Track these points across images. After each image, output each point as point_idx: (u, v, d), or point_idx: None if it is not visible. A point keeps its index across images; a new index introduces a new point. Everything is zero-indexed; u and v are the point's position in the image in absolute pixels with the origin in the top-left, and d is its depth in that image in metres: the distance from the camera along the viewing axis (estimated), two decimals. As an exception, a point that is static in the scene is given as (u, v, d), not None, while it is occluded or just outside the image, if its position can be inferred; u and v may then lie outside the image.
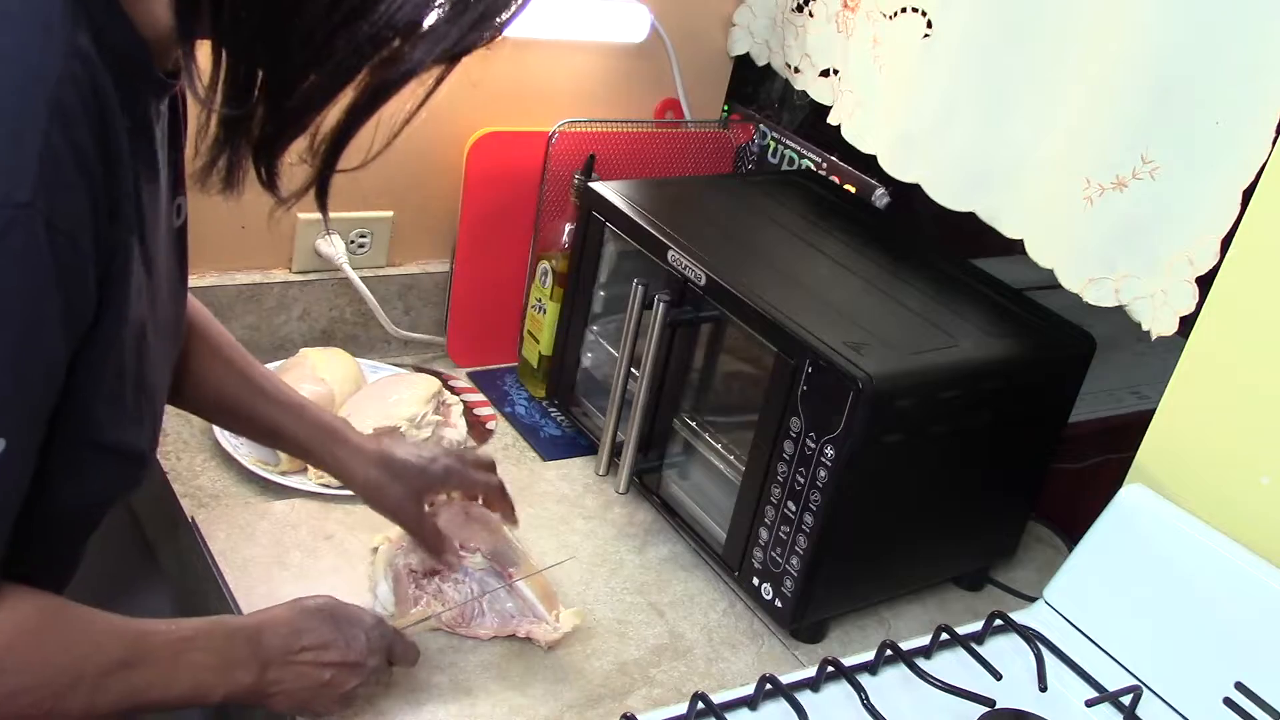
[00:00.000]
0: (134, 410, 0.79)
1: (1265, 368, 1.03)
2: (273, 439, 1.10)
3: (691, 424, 1.26)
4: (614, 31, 1.51)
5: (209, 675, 0.83)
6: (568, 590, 1.18)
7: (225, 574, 1.10)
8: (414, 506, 1.07)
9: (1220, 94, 1.07)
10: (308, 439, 1.06)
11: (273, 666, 0.87)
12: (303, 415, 1.06)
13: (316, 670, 0.89)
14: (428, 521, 1.08)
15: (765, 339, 1.12)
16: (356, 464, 1.06)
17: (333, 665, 0.90)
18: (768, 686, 1.00)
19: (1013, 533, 1.31)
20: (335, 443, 1.06)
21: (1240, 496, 1.06)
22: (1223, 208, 1.08)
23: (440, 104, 1.27)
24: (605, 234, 1.31)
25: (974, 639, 1.11)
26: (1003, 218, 1.28)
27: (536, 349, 1.48)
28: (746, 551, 1.16)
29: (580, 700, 1.05)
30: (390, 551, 1.11)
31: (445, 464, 1.08)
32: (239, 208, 1.36)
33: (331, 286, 1.47)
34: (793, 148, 1.55)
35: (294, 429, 1.06)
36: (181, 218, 0.89)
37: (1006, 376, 1.16)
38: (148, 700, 0.80)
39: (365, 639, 0.92)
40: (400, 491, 1.06)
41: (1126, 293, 1.18)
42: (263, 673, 0.86)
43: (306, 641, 0.89)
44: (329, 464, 1.08)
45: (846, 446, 1.05)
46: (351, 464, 1.06)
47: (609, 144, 1.50)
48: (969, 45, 1.26)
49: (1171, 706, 1.05)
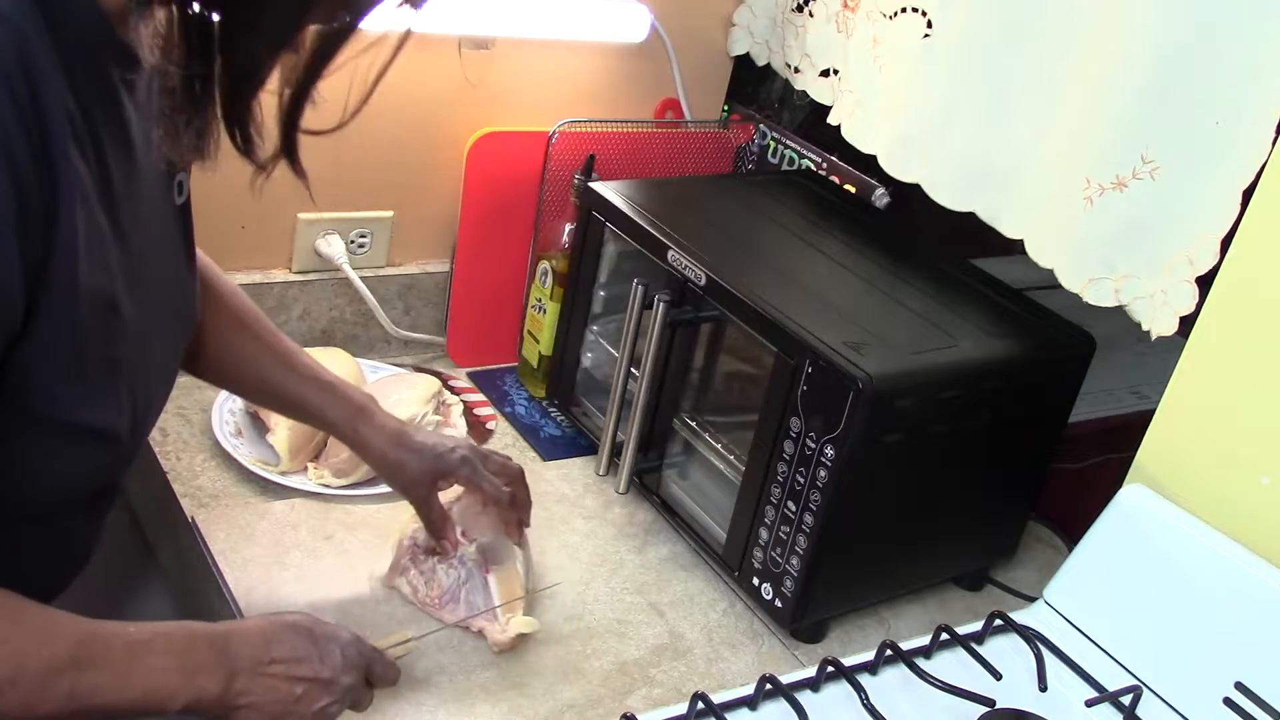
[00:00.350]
0: (104, 389, 0.77)
1: (1265, 368, 1.03)
2: (299, 413, 1.11)
3: (691, 424, 1.26)
4: (614, 31, 1.51)
5: (168, 680, 0.78)
6: (567, 591, 1.18)
7: (225, 574, 1.10)
8: (425, 486, 1.09)
9: (1220, 94, 1.07)
10: (335, 415, 1.08)
11: (241, 676, 0.82)
12: (333, 393, 1.08)
13: (288, 684, 0.84)
14: (435, 503, 1.09)
15: (765, 339, 1.12)
16: (377, 440, 1.08)
17: (305, 680, 0.85)
18: (768, 686, 1.00)
19: (1013, 533, 1.31)
20: (360, 419, 1.08)
21: (1240, 496, 1.06)
22: (1223, 208, 1.08)
23: (440, 104, 1.26)
24: (605, 234, 1.31)
25: (974, 639, 1.11)
26: (1003, 218, 1.28)
27: (536, 349, 1.48)
28: (746, 551, 1.16)
29: (580, 700, 1.05)
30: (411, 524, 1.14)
31: (463, 454, 1.10)
32: (239, 208, 1.37)
33: (331, 286, 1.47)
34: (793, 148, 1.55)
35: (319, 404, 1.08)
36: (184, 195, 0.88)
37: (1006, 376, 1.16)
38: (97, 704, 0.75)
39: (340, 656, 0.88)
40: (415, 470, 1.08)
41: (1126, 293, 1.18)
42: (229, 682, 0.81)
43: (278, 653, 0.84)
44: (350, 438, 1.09)
45: (846, 446, 1.05)
46: (373, 440, 1.08)
47: (609, 144, 1.50)
48: (969, 45, 1.26)
49: (1171, 706, 1.05)
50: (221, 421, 1.28)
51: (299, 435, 1.24)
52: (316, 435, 1.26)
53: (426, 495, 1.09)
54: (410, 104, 1.41)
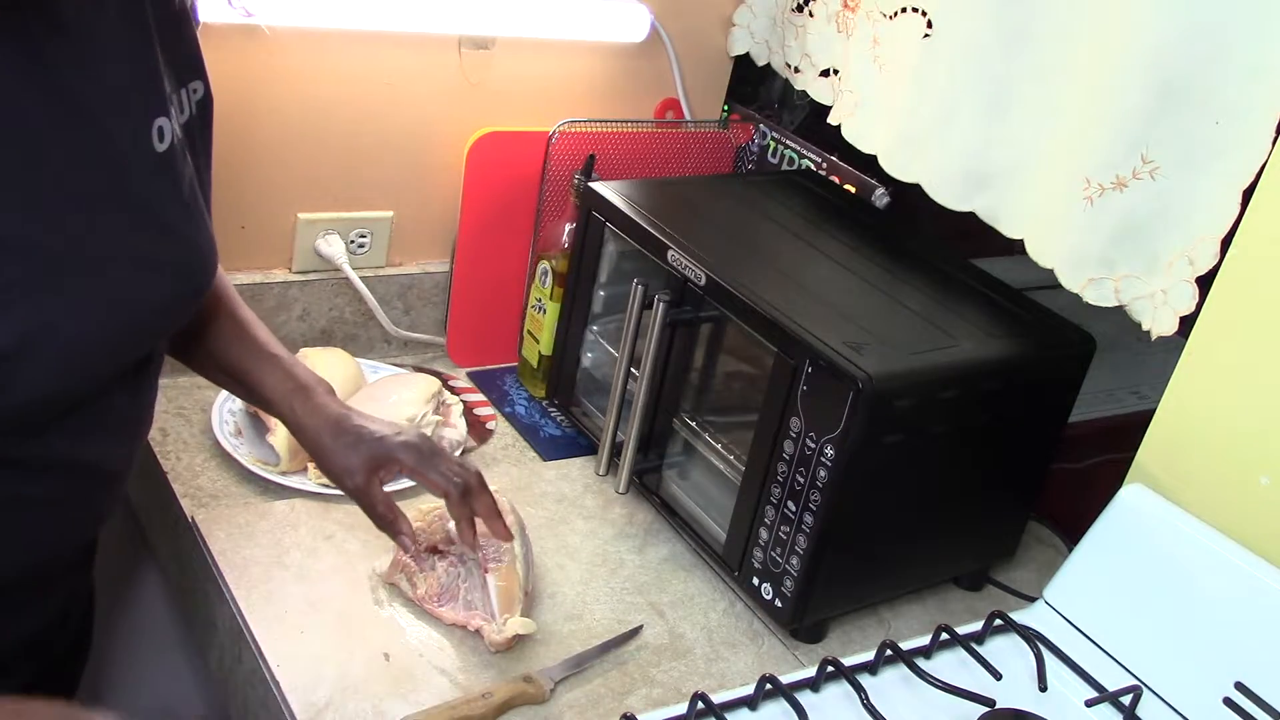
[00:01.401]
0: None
1: (1265, 368, 1.03)
2: (240, 385, 1.05)
3: (691, 424, 1.26)
4: (614, 31, 1.51)
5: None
6: (567, 591, 1.18)
7: (225, 574, 1.10)
8: (361, 474, 1.01)
9: (1220, 94, 1.08)
10: (272, 390, 1.02)
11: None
12: (275, 365, 1.02)
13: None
14: (376, 493, 1.02)
15: (765, 339, 1.12)
16: (312, 421, 1.01)
17: None
18: (768, 686, 1.00)
19: (1013, 533, 1.31)
20: (298, 396, 1.02)
21: (1240, 496, 1.06)
22: (1222, 208, 1.08)
23: (440, 104, 1.27)
24: (605, 234, 1.31)
25: (974, 639, 1.11)
26: (1003, 218, 1.28)
27: (536, 349, 1.49)
28: (746, 551, 1.16)
29: (580, 700, 1.05)
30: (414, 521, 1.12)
31: (407, 440, 1.02)
32: (239, 208, 1.37)
33: (331, 286, 1.47)
34: (793, 148, 1.55)
35: (259, 376, 1.02)
36: (165, 142, 0.84)
37: (1006, 376, 1.16)
38: None
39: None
40: (349, 456, 1.00)
41: (1126, 293, 1.18)
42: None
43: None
44: (286, 417, 1.03)
45: (846, 446, 1.05)
46: (307, 421, 1.01)
47: (609, 144, 1.50)
48: (969, 45, 1.26)
49: (1171, 706, 1.05)
50: (221, 421, 1.28)
51: (299, 435, 1.24)
52: (316, 435, 1.26)
53: (364, 484, 1.01)
54: (410, 104, 1.41)
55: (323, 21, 1.30)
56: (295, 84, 1.34)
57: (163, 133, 0.84)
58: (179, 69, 0.88)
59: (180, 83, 0.89)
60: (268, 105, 1.34)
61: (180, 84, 0.89)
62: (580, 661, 1.08)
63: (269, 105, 1.34)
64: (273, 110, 1.34)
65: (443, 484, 1.03)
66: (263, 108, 1.33)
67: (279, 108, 1.34)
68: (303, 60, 1.33)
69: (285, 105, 1.35)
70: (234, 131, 1.32)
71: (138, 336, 0.87)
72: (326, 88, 1.36)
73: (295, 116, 1.36)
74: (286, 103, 1.35)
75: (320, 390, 1.03)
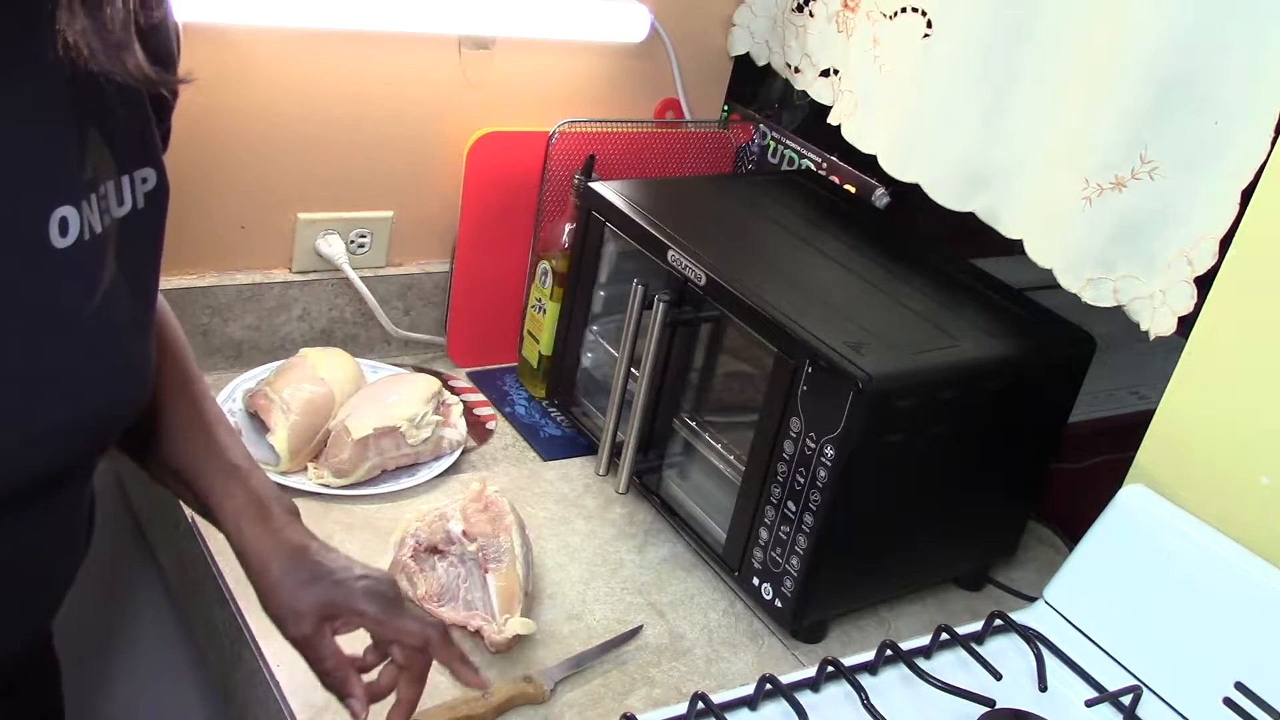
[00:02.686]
0: None
1: (1265, 368, 1.03)
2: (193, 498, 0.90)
3: (691, 424, 1.26)
4: (614, 31, 1.51)
5: None
6: (567, 591, 1.18)
7: (225, 575, 1.10)
8: (310, 622, 0.84)
9: (1220, 94, 1.08)
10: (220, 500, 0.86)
11: None
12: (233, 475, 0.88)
13: None
14: (325, 646, 0.85)
15: (765, 339, 1.12)
16: (260, 546, 0.85)
17: None
18: (768, 686, 1.00)
19: (1013, 533, 1.31)
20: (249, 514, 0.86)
21: (1240, 496, 1.06)
22: (1222, 208, 1.08)
23: (440, 104, 1.27)
24: (605, 234, 1.31)
25: (974, 639, 1.11)
26: (1002, 218, 1.28)
27: (536, 349, 1.49)
28: (746, 551, 1.16)
29: (580, 700, 1.05)
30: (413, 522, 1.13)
31: (372, 588, 0.85)
32: (239, 208, 1.37)
33: (331, 286, 1.47)
34: (793, 148, 1.55)
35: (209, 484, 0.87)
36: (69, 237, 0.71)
37: (1006, 376, 1.16)
38: None
39: None
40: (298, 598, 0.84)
41: (1125, 293, 1.18)
42: None
43: None
44: (232, 537, 0.87)
45: (846, 446, 1.05)
46: (255, 545, 0.85)
47: (609, 144, 1.50)
48: (969, 45, 1.26)
49: (1171, 706, 1.05)
50: (221, 422, 1.28)
51: (299, 435, 1.24)
52: (317, 435, 1.26)
53: (311, 634, 0.84)
54: (410, 104, 1.41)
55: (323, 21, 1.30)
56: (295, 84, 1.34)
57: (66, 225, 0.70)
58: (123, 156, 0.76)
59: (122, 170, 0.76)
60: (268, 105, 1.34)
61: (122, 171, 0.76)
62: (580, 661, 1.08)
63: (269, 105, 1.34)
64: (273, 110, 1.34)
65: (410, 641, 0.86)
66: (263, 107, 1.33)
67: (279, 107, 1.34)
68: (303, 60, 1.33)
69: (285, 105, 1.35)
70: (234, 131, 1.32)
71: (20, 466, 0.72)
72: (327, 88, 1.36)
73: (295, 116, 1.36)
74: (287, 102, 1.35)
75: (280, 511, 0.87)
